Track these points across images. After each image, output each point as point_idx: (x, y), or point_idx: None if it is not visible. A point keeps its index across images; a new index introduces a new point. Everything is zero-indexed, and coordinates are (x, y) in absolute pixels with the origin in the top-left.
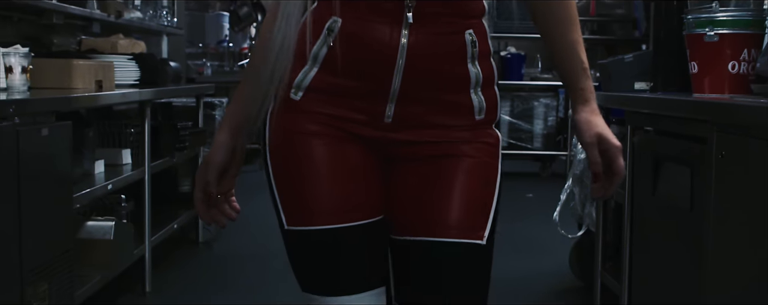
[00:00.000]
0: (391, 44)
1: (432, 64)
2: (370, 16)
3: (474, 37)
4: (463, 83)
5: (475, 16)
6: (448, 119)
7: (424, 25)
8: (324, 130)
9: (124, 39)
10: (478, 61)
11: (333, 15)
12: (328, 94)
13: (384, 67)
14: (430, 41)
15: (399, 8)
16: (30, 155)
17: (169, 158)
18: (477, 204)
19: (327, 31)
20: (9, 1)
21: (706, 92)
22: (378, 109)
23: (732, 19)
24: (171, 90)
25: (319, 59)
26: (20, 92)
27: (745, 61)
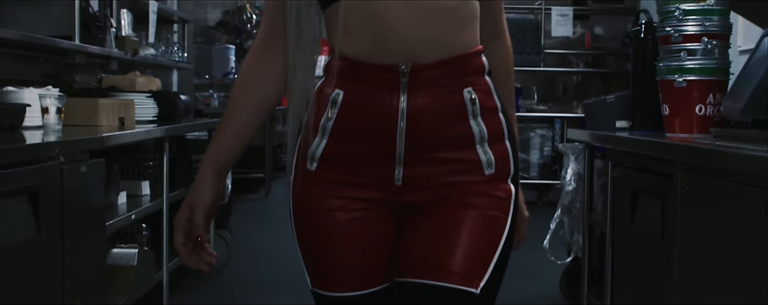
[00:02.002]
0: (391, 110)
1: (433, 125)
2: (370, 86)
3: (473, 95)
4: (467, 140)
5: (473, 73)
6: (458, 177)
7: (421, 88)
8: (340, 203)
9: (142, 76)
10: (482, 117)
11: (335, 88)
12: (340, 162)
13: (387, 132)
14: (428, 103)
15: (396, 75)
16: (71, 190)
17: (185, 189)
18: (477, 255)
19: (331, 104)
20: (36, 43)
21: (676, 132)
22: (387, 173)
23: (699, 67)
24: (186, 126)
25: (327, 131)
26: (55, 130)
27: (710, 104)
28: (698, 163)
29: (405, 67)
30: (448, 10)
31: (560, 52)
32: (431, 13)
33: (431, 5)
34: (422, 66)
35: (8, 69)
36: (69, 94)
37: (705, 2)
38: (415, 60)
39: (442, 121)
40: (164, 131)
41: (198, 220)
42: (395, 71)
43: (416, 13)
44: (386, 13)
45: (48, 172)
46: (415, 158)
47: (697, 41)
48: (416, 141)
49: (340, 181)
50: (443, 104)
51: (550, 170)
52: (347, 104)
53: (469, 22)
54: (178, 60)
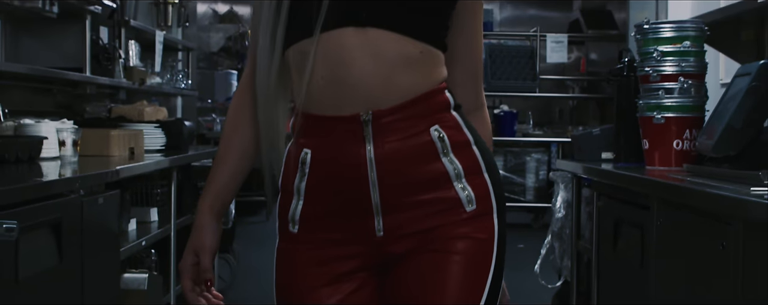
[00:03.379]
0: (359, 161)
1: (404, 170)
2: (335, 140)
3: (442, 132)
4: (443, 179)
5: (439, 110)
6: (439, 218)
7: (387, 134)
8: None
9: (149, 106)
10: (454, 153)
11: (303, 147)
12: (320, 221)
13: (360, 184)
14: (396, 148)
15: (358, 125)
16: (90, 220)
17: (191, 215)
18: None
19: (301, 164)
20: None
21: (656, 165)
22: (368, 225)
23: (676, 105)
24: (192, 156)
25: (301, 192)
26: (71, 162)
27: (687, 139)
28: (670, 198)
29: (366, 116)
30: (408, 59)
31: (555, 77)
32: (392, 64)
33: (392, 56)
34: (384, 111)
35: (24, 101)
36: (80, 124)
37: (681, 44)
38: (375, 107)
39: (413, 164)
40: (172, 161)
41: (206, 264)
42: (358, 121)
43: (376, 63)
44: (346, 63)
45: (69, 205)
46: (393, 206)
47: (674, 81)
48: (390, 188)
49: (323, 238)
50: (411, 147)
51: (545, 194)
52: (316, 162)
53: (432, 67)
54: (182, 87)
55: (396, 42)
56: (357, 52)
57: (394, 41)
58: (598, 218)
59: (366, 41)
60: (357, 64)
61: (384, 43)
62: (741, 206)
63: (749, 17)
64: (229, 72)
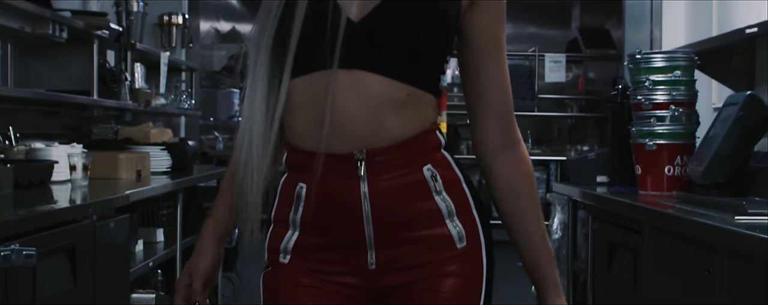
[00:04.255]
0: (354, 198)
1: (398, 207)
2: (330, 177)
3: (434, 171)
4: (436, 216)
5: (431, 150)
6: (431, 254)
7: (381, 172)
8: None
9: (155, 128)
10: (446, 191)
11: (298, 182)
12: (313, 252)
13: (354, 219)
14: (390, 186)
15: (353, 163)
16: (102, 244)
17: (196, 236)
18: None
19: (296, 198)
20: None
21: (648, 190)
22: (360, 259)
23: (667, 132)
24: (198, 178)
25: (297, 224)
26: (81, 186)
27: (678, 165)
28: (661, 225)
29: (360, 155)
30: (394, 102)
31: (554, 96)
32: (378, 106)
33: (378, 99)
34: (378, 151)
35: (33, 124)
36: (88, 146)
37: (672, 74)
38: (369, 146)
39: (407, 201)
40: (178, 183)
41: (196, 287)
42: (352, 159)
43: (362, 105)
44: (335, 109)
45: (83, 230)
46: (386, 241)
47: (665, 109)
48: (384, 225)
49: (314, 269)
50: (405, 185)
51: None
52: (311, 197)
53: (420, 109)
54: (186, 107)
55: (381, 85)
56: (345, 94)
57: (379, 84)
58: (593, 240)
59: (352, 83)
60: (345, 106)
61: (369, 86)
62: (725, 235)
63: (740, 45)
64: (231, 91)
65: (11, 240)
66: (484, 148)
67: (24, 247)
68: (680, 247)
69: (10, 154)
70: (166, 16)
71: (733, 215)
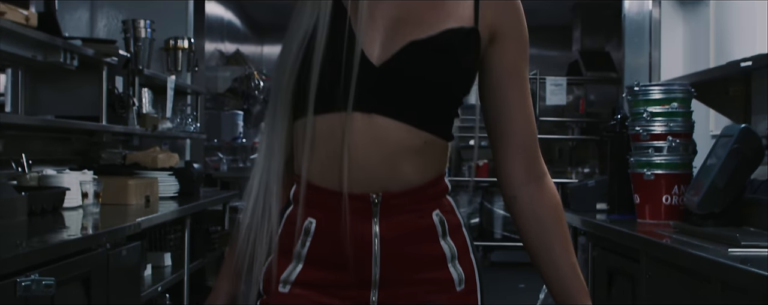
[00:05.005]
0: (365, 238)
1: (406, 249)
2: (342, 215)
3: (442, 216)
4: (440, 260)
5: (440, 196)
6: (432, 296)
7: (394, 214)
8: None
9: (162, 152)
10: (450, 235)
11: (307, 217)
12: (315, 286)
13: (362, 258)
14: (401, 229)
15: (368, 204)
16: (115, 271)
17: (203, 259)
18: None
19: (304, 232)
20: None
21: (646, 218)
22: (362, 296)
23: (665, 162)
24: (204, 202)
25: (302, 257)
26: (93, 213)
27: (675, 194)
28: (657, 255)
29: (377, 198)
30: (412, 149)
31: (555, 119)
32: (396, 152)
33: (396, 145)
34: (393, 194)
35: (43, 149)
36: (96, 170)
37: (669, 106)
38: (384, 189)
39: (415, 244)
40: (186, 209)
41: None
42: (367, 201)
43: (380, 150)
44: (351, 147)
45: (97, 258)
46: (391, 281)
47: (663, 139)
48: (391, 265)
49: (314, 301)
50: (415, 229)
51: None
52: (320, 233)
53: (435, 156)
54: (192, 131)
55: (400, 131)
56: (362, 138)
57: (398, 130)
58: (593, 266)
59: (371, 128)
60: (362, 149)
61: (388, 132)
62: (719, 268)
63: (736, 76)
64: (235, 112)
65: (30, 270)
66: (508, 180)
67: (43, 277)
68: (677, 277)
69: (23, 181)
70: (171, 40)
71: (727, 247)
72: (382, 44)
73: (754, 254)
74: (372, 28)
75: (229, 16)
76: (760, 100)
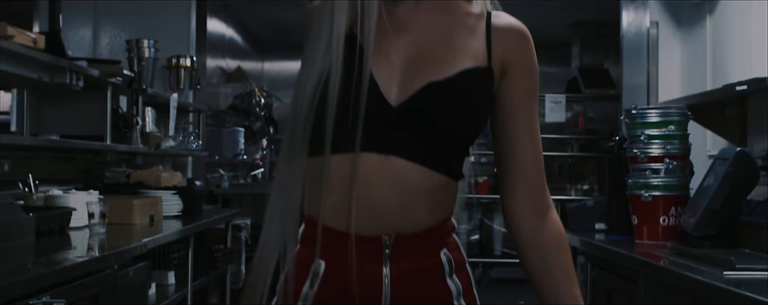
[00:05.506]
0: (375, 279)
1: (416, 289)
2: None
3: (449, 254)
4: (447, 298)
5: (447, 235)
6: None
7: (404, 256)
8: None
9: (165, 171)
10: (456, 273)
11: (316, 258)
12: None
13: (371, 300)
14: (411, 270)
15: (379, 246)
16: (122, 291)
17: (205, 278)
18: None
19: (312, 274)
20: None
21: (644, 239)
22: None
23: (663, 184)
24: (208, 222)
25: (309, 299)
26: (99, 233)
27: (673, 216)
28: (655, 276)
29: (388, 239)
30: (428, 190)
31: (554, 136)
32: (412, 193)
33: (413, 186)
34: (406, 236)
35: (48, 169)
36: (101, 189)
37: (666, 129)
38: (397, 231)
39: (424, 283)
40: (190, 229)
41: None
42: (378, 242)
43: (396, 191)
44: (366, 188)
45: (106, 280)
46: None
47: (660, 162)
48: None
49: None
50: (424, 268)
51: None
52: (330, 275)
53: (448, 196)
54: (194, 148)
55: (417, 173)
56: (378, 179)
57: (415, 172)
58: (592, 286)
59: (388, 169)
60: (377, 190)
61: (405, 174)
62: (714, 291)
63: (732, 99)
64: (236, 129)
65: (42, 293)
66: (512, 212)
67: (54, 299)
68: (673, 299)
69: (30, 201)
70: (174, 58)
71: (722, 270)
72: (399, 85)
73: (749, 277)
74: (387, 67)
75: (230, 32)
76: (756, 122)
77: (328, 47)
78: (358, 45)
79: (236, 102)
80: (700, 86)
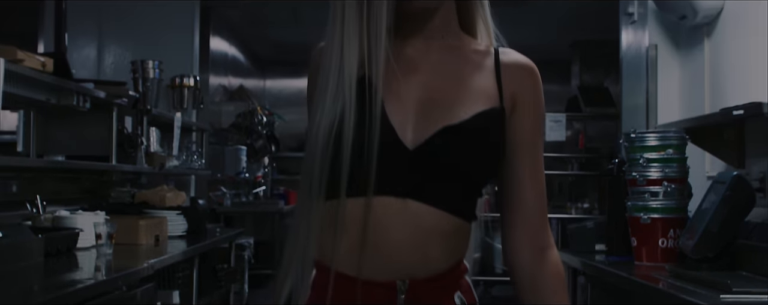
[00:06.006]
0: None
1: None
2: (366, 302)
3: (462, 297)
4: None
5: (461, 277)
6: None
7: (417, 301)
8: None
9: (169, 191)
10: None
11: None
12: None
13: None
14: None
15: (393, 291)
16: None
17: (209, 297)
18: None
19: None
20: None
21: (643, 261)
22: None
23: (661, 207)
24: (212, 242)
25: None
26: (106, 254)
27: (671, 238)
28: (653, 299)
29: (403, 285)
30: (444, 234)
31: (555, 155)
32: (428, 237)
33: (429, 230)
34: (420, 281)
35: (54, 189)
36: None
37: (664, 152)
38: (411, 276)
39: None
40: (195, 249)
41: None
42: (393, 288)
43: (412, 235)
44: (383, 232)
45: (114, 301)
46: None
47: (659, 185)
48: None
49: None
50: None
51: None
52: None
53: (462, 239)
54: (197, 167)
55: (433, 216)
56: (394, 222)
57: (431, 215)
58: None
59: (405, 213)
60: (394, 234)
61: (422, 218)
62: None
63: (729, 122)
64: (238, 148)
65: None
66: (511, 249)
67: None
68: None
69: (37, 222)
70: (177, 78)
71: (719, 293)
72: (414, 127)
73: (746, 300)
74: (401, 110)
75: (232, 51)
76: (754, 145)
77: (339, 90)
78: (369, 87)
79: (238, 120)
80: (699, 108)
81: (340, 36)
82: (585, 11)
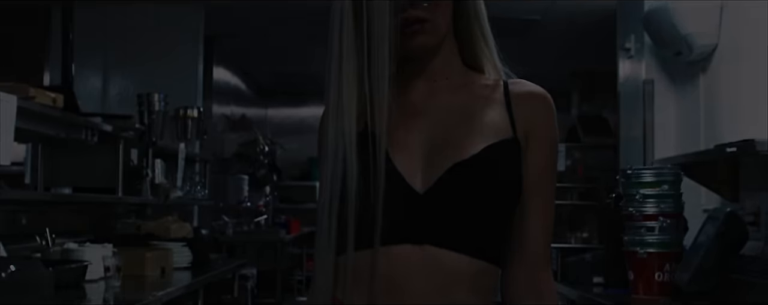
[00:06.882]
0: None
1: None
2: None
3: None
4: None
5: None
6: None
7: None
8: None
9: (174, 222)
10: None
11: None
12: None
13: None
14: None
15: None
16: None
17: None
18: None
19: None
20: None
21: (640, 294)
22: None
23: (657, 241)
24: (216, 273)
25: None
26: (114, 286)
27: (667, 272)
28: None
29: None
30: (466, 278)
31: None
32: (449, 283)
33: (450, 276)
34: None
35: (61, 221)
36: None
37: (660, 188)
38: None
39: None
40: (200, 281)
41: None
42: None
43: (433, 282)
44: (403, 281)
45: None
46: None
47: (654, 220)
48: None
49: None
50: None
51: None
52: None
53: (487, 283)
54: (200, 197)
55: (454, 260)
56: (414, 271)
57: (452, 260)
58: None
59: (424, 259)
60: (417, 283)
61: (443, 263)
62: None
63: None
64: (241, 177)
65: None
66: (507, 286)
67: None
68: None
69: (47, 254)
70: (182, 109)
71: None
72: (423, 171)
73: None
74: (409, 156)
75: (235, 80)
76: (748, 180)
77: (339, 146)
78: (372, 139)
79: (241, 150)
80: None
81: (337, 86)
82: (584, 42)
